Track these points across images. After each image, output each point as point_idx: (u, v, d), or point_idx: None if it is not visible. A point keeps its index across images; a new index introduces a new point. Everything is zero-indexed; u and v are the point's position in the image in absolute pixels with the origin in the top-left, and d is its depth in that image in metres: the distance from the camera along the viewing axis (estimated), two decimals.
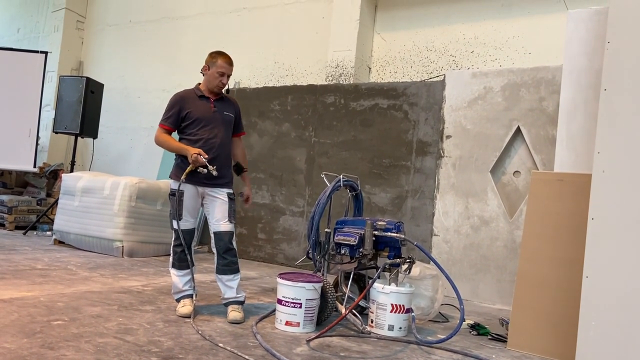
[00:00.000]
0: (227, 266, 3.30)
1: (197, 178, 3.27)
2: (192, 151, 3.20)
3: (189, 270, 3.38)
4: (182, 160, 3.34)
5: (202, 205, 3.42)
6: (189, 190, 3.31)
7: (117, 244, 5.48)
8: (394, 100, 5.53)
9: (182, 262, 3.37)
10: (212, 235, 3.34)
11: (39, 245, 5.85)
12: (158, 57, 8.41)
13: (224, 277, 3.31)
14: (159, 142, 3.38)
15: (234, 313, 3.23)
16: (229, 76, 3.43)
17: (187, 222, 3.34)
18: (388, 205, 5.44)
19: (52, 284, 3.83)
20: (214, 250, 3.33)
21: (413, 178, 5.34)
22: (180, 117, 3.37)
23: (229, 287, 3.31)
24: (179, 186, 3.26)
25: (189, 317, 3.18)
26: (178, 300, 3.38)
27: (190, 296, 3.37)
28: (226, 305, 3.34)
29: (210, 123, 3.37)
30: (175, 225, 3.32)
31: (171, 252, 3.40)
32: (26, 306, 3.11)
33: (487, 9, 5.84)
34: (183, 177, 3.23)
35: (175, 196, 3.28)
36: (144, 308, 3.35)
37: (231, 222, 3.33)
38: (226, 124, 3.46)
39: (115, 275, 4.45)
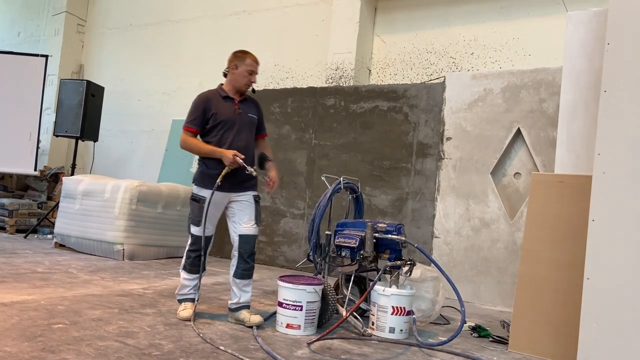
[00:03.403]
0: (247, 271, 3.26)
1: (226, 184, 3.20)
2: (229, 153, 3.14)
3: (198, 275, 3.32)
4: (207, 165, 3.25)
5: (225, 209, 3.33)
6: (216, 199, 3.22)
7: (117, 247, 5.48)
8: (394, 103, 5.53)
9: (195, 267, 3.30)
10: (236, 238, 3.26)
11: (39, 248, 5.85)
12: (158, 60, 8.42)
13: (242, 282, 3.26)
14: (186, 146, 3.26)
15: (255, 317, 3.21)
16: (256, 74, 3.39)
17: (207, 229, 3.26)
18: (388, 207, 5.44)
19: (52, 287, 3.83)
20: (236, 253, 3.26)
21: (413, 180, 5.34)
22: (206, 118, 3.26)
23: (244, 291, 3.28)
24: (212, 194, 3.17)
25: (189, 320, 3.18)
26: (180, 301, 3.37)
27: (193, 300, 3.35)
28: (236, 310, 3.28)
29: (236, 125, 3.29)
30: (193, 231, 3.27)
31: (184, 255, 3.34)
32: (27, 310, 3.10)
33: (487, 11, 5.85)
34: (219, 180, 3.15)
35: (199, 202, 3.22)
36: (144, 311, 3.35)
37: (257, 226, 3.31)
38: (250, 126, 3.39)
39: (116, 278, 4.45)
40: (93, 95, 7.08)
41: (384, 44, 6.52)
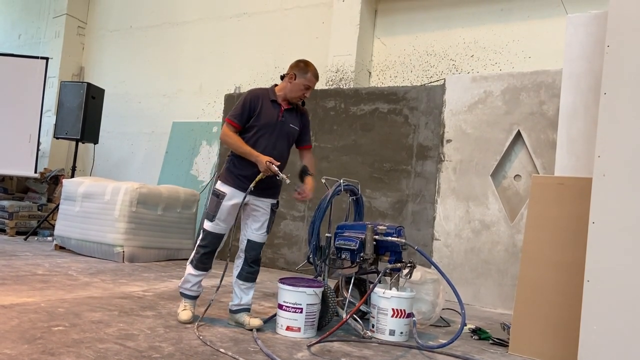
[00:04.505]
0: (252, 274, 3.29)
1: (247, 186, 3.14)
2: (264, 159, 3.07)
3: (205, 273, 3.29)
4: (234, 164, 3.21)
5: (241, 211, 3.28)
6: (236, 197, 3.16)
7: (117, 249, 5.48)
8: (394, 105, 5.54)
9: (202, 263, 3.25)
10: (244, 242, 3.27)
11: (39, 250, 5.85)
12: (159, 63, 8.43)
13: (245, 284, 3.29)
14: (226, 140, 3.20)
15: (255, 320, 3.21)
16: (312, 89, 3.30)
17: (218, 227, 3.21)
18: (389, 209, 5.44)
19: (52, 289, 3.83)
20: (242, 255, 3.27)
21: (414, 182, 5.34)
22: (249, 116, 3.18)
23: (246, 293, 3.30)
24: (244, 198, 3.13)
25: (189, 323, 3.16)
26: (181, 295, 3.32)
27: (194, 297, 3.32)
28: (237, 312, 3.29)
29: (274, 133, 3.21)
30: (206, 226, 3.22)
31: (194, 249, 3.29)
32: (27, 312, 3.10)
33: (487, 14, 5.86)
34: (252, 185, 3.09)
35: (218, 197, 3.17)
36: (144, 313, 3.35)
37: (267, 234, 3.31)
38: (289, 136, 3.30)
39: (115, 280, 4.45)
40: (93, 97, 7.09)
41: (384, 46, 6.52)
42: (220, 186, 3.22)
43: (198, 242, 3.28)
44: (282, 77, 3.32)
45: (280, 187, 3.36)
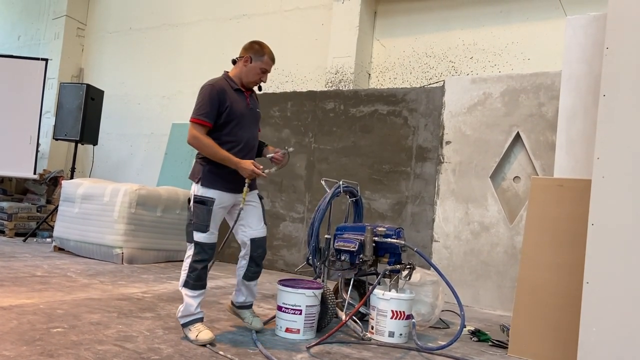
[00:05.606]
0: (257, 273, 3.17)
1: (233, 185, 2.97)
2: (248, 165, 2.88)
3: (204, 291, 2.96)
4: (215, 164, 2.92)
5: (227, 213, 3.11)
6: (225, 200, 2.96)
7: (116, 250, 5.47)
8: (393, 106, 5.54)
9: (199, 281, 2.91)
10: (247, 242, 3.08)
11: (38, 252, 5.84)
12: (158, 64, 8.43)
13: (252, 283, 3.19)
14: (198, 144, 2.88)
15: (256, 321, 3.21)
16: (268, 73, 3.11)
17: (212, 235, 2.93)
18: (388, 211, 5.44)
19: (51, 291, 3.82)
20: (247, 256, 3.10)
21: (413, 184, 5.34)
22: (219, 112, 2.90)
23: (252, 291, 3.23)
24: (240, 210, 2.98)
25: (212, 343, 2.83)
26: (186, 325, 2.92)
27: (202, 320, 2.96)
28: (240, 307, 3.24)
29: (249, 122, 3.04)
30: (198, 238, 2.89)
31: (187, 268, 2.92)
32: (26, 313, 3.10)
33: (486, 15, 5.87)
34: (242, 205, 2.95)
35: (207, 205, 2.88)
36: (143, 315, 3.34)
37: (266, 225, 3.18)
38: (257, 122, 3.17)
39: (114, 282, 4.44)
40: (93, 98, 7.09)
41: (384, 48, 6.53)
42: (205, 191, 2.91)
43: (191, 259, 2.91)
44: (234, 62, 3.10)
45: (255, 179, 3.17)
